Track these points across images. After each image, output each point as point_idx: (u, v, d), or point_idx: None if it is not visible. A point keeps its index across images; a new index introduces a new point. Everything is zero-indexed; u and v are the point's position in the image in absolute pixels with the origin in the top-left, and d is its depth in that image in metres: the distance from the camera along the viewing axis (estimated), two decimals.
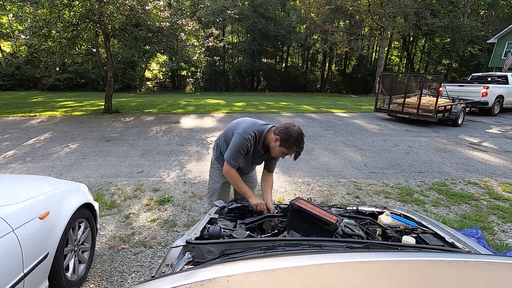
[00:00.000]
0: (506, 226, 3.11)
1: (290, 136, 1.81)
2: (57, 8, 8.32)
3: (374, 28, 24.99)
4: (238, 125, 2.01)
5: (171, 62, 12.64)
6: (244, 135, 1.92)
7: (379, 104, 9.74)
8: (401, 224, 1.52)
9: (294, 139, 1.81)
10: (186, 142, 6.49)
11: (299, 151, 1.87)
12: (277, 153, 1.94)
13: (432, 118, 8.02)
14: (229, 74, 29.61)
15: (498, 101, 10.50)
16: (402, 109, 8.78)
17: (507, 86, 10.82)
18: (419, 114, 8.29)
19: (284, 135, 1.83)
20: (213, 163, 2.29)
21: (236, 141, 1.94)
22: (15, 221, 1.51)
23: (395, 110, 9.16)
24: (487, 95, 10.01)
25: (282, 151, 1.89)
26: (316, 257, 0.81)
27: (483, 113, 10.55)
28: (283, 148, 1.87)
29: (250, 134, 1.93)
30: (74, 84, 22.16)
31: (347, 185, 4.20)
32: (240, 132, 1.94)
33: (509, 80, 10.95)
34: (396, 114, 9.17)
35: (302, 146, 1.87)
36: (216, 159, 2.25)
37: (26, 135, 6.89)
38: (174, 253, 1.14)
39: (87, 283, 2.15)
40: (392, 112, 9.32)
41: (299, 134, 1.84)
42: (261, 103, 14.11)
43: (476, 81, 11.47)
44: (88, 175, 4.43)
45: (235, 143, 1.94)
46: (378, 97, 9.88)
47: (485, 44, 23.02)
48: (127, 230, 2.90)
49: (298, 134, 1.83)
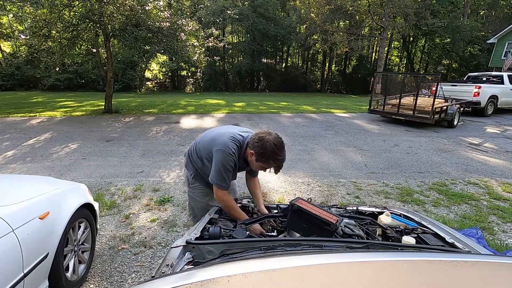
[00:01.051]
0: (506, 226, 3.11)
1: (264, 149, 1.58)
2: (57, 8, 8.32)
3: (374, 28, 24.99)
4: (215, 141, 1.75)
5: (171, 62, 12.64)
6: (226, 151, 1.68)
7: (373, 105, 9.26)
8: (401, 224, 1.52)
9: (270, 152, 1.58)
10: (186, 142, 6.48)
11: (279, 164, 1.64)
12: (256, 167, 1.74)
13: (429, 120, 7.75)
14: (229, 74, 29.61)
15: (491, 101, 10.19)
16: (397, 110, 8.42)
17: (502, 86, 10.53)
18: (415, 116, 7.95)
19: (258, 149, 1.60)
20: (191, 182, 2.01)
21: (220, 160, 1.69)
22: (15, 221, 1.51)
23: (389, 111, 8.78)
24: (479, 95, 9.71)
25: (260, 165, 1.68)
26: (316, 257, 0.81)
27: (476, 114, 10.37)
28: (260, 163, 1.66)
29: (232, 148, 1.68)
30: (74, 84, 22.16)
31: (347, 185, 4.20)
32: (222, 149, 1.69)
33: (504, 80, 10.69)
34: (391, 116, 8.77)
35: (282, 158, 1.62)
36: (194, 178, 1.98)
37: (26, 135, 6.88)
38: (174, 253, 1.14)
39: (87, 283, 2.15)
40: (386, 114, 8.94)
41: (276, 145, 1.58)
42: (261, 103, 14.11)
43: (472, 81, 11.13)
44: (88, 175, 4.43)
45: (219, 162, 1.69)
46: (372, 98, 9.29)
47: (485, 44, 23.03)
48: (127, 230, 2.90)
49: (274, 145, 1.58)
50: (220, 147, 1.70)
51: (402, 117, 8.39)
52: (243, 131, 1.80)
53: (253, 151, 1.63)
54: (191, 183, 2.02)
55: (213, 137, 1.78)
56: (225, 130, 1.81)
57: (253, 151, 1.63)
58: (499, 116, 10.67)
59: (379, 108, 9.12)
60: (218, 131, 1.84)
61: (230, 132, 1.77)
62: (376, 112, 9.21)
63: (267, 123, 8.65)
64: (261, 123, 8.60)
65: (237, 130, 1.81)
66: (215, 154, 1.71)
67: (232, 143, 1.69)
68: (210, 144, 1.77)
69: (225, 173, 1.70)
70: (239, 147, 1.72)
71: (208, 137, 1.83)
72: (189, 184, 2.04)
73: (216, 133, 1.81)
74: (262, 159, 1.62)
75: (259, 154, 1.61)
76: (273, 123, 8.74)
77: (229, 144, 1.69)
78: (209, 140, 1.80)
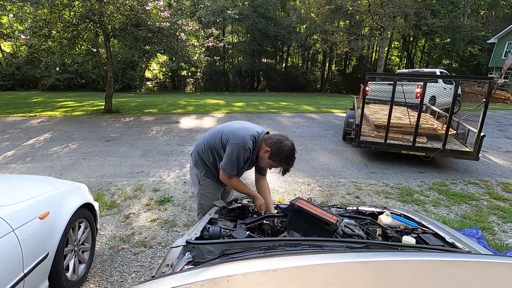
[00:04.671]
0: (506, 226, 3.11)
1: (282, 151, 1.70)
2: (57, 8, 8.33)
3: (374, 28, 24.99)
4: (234, 134, 1.82)
5: (171, 62, 12.64)
6: (243, 145, 1.77)
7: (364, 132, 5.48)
8: (401, 224, 1.52)
9: (285, 155, 1.71)
10: (186, 142, 6.49)
11: (288, 168, 1.78)
12: (265, 164, 1.85)
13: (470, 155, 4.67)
14: (229, 74, 29.63)
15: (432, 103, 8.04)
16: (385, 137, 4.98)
17: (437, 85, 8.65)
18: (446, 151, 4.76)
19: (275, 148, 1.72)
20: (202, 179, 2.04)
21: (236, 152, 1.78)
22: (15, 221, 1.51)
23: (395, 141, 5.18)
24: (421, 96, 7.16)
25: (271, 163, 1.79)
26: (316, 257, 0.81)
27: None
28: (272, 161, 1.77)
29: (249, 143, 1.78)
30: (74, 84, 22.17)
31: (347, 185, 4.20)
32: (238, 142, 1.77)
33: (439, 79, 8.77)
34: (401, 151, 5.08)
35: (292, 163, 1.77)
36: (204, 175, 2.02)
37: (26, 135, 6.88)
38: (174, 253, 1.14)
39: (87, 283, 2.15)
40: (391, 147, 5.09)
41: (291, 151, 1.72)
42: (261, 103, 14.11)
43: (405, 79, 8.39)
44: (88, 175, 4.43)
45: (235, 154, 1.78)
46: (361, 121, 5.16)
47: (485, 44, 23.06)
48: (127, 230, 2.90)
49: (290, 151, 1.71)
50: (237, 141, 1.78)
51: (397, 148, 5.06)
52: (258, 128, 1.89)
53: (269, 149, 1.73)
54: (201, 180, 2.05)
55: (231, 131, 1.85)
56: (241, 125, 1.89)
57: (270, 149, 1.73)
58: (500, 116, 10.66)
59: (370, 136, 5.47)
60: (233, 126, 1.91)
61: (246, 127, 1.87)
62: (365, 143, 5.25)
63: (267, 123, 8.64)
64: (261, 123, 8.58)
65: (253, 127, 1.89)
66: (230, 146, 1.79)
67: (249, 139, 1.78)
68: (226, 137, 1.84)
69: (237, 164, 1.81)
70: (254, 142, 1.81)
71: (223, 131, 1.89)
72: (199, 182, 2.06)
73: (234, 128, 1.87)
74: (276, 159, 1.74)
75: (274, 153, 1.72)
76: (273, 123, 8.74)
77: (247, 140, 1.78)
78: (226, 133, 1.86)
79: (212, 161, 1.96)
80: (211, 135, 1.96)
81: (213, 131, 1.98)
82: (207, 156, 1.97)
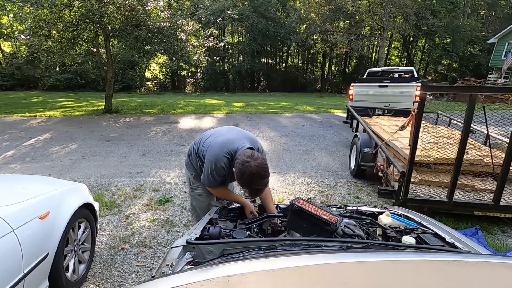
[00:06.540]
0: (506, 226, 3.10)
1: (242, 174, 1.52)
2: (57, 8, 8.33)
3: (374, 28, 25.01)
4: (210, 149, 1.76)
5: (171, 62, 12.66)
6: (215, 163, 1.69)
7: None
8: (401, 224, 1.51)
9: (246, 179, 1.52)
10: (186, 142, 6.48)
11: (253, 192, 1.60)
12: None
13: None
14: (229, 74, 29.65)
15: None
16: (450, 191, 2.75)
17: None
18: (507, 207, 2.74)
19: (237, 170, 1.54)
20: (193, 182, 2.04)
21: (208, 168, 1.73)
22: (15, 221, 1.51)
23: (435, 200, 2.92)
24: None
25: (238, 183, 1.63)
26: (316, 257, 0.81)
27: None
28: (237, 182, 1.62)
29: (222, 161, 1.69)
30: (74, 84, 22.20)
31: (347, 185, 4.19)
32: (211, 159, 1.71)
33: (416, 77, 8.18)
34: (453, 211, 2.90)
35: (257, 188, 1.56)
36: (194, 178, 2.01)
37: (26, 135, 6.88)
38: (174, 253, 1.14)
39: (87, 283, 2.15)
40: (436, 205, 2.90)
41: (254, 174, 1.49)
42: (261, 103, 14.11)
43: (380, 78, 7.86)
44: (88, 175, 4.43)
45: (209, 169, 1.73)
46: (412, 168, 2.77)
47: (485, 44, 23.06)
48: (127, 230, 2.90)
49: (253, 175, 1.49)
50: (211, 157, 1.72)
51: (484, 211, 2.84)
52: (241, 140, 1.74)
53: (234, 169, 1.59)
54: (192, 183, 2.05)
55: (210, 144, 1.78)
56: (220, 139, 1.76)
57: (234, 170, 1.58)
58: None
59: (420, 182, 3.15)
60: (213, 138, 1.81)
61: (224, 141, 1.73)
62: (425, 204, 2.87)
63: (267, 123, 8.65)
64: (261, 123, 8.61)
65: (236, 139, 1.74)
66: (206, 162, 1.77)
67: (224, 156, 1.68)
68: (205, 150, 1.80)
69: (213, 179, 1.76)
70: (230, 159, 1.70)
71: (207, 142, 1.83)
72: (190, 184, 2.07)
73: (213, 141, 1.78)
74: (238, 181, 1.59)
75: (237, 176, 1.57)
76: (273, 123, 8.73)
77: (220, 158, 1.69)
78: (207, 145, 1.81)
79: (200, 165, 1.91)
80: (200, 140, 1.92)
81: (202, 136, 1.93)
82: (195, 161, 1.95)
